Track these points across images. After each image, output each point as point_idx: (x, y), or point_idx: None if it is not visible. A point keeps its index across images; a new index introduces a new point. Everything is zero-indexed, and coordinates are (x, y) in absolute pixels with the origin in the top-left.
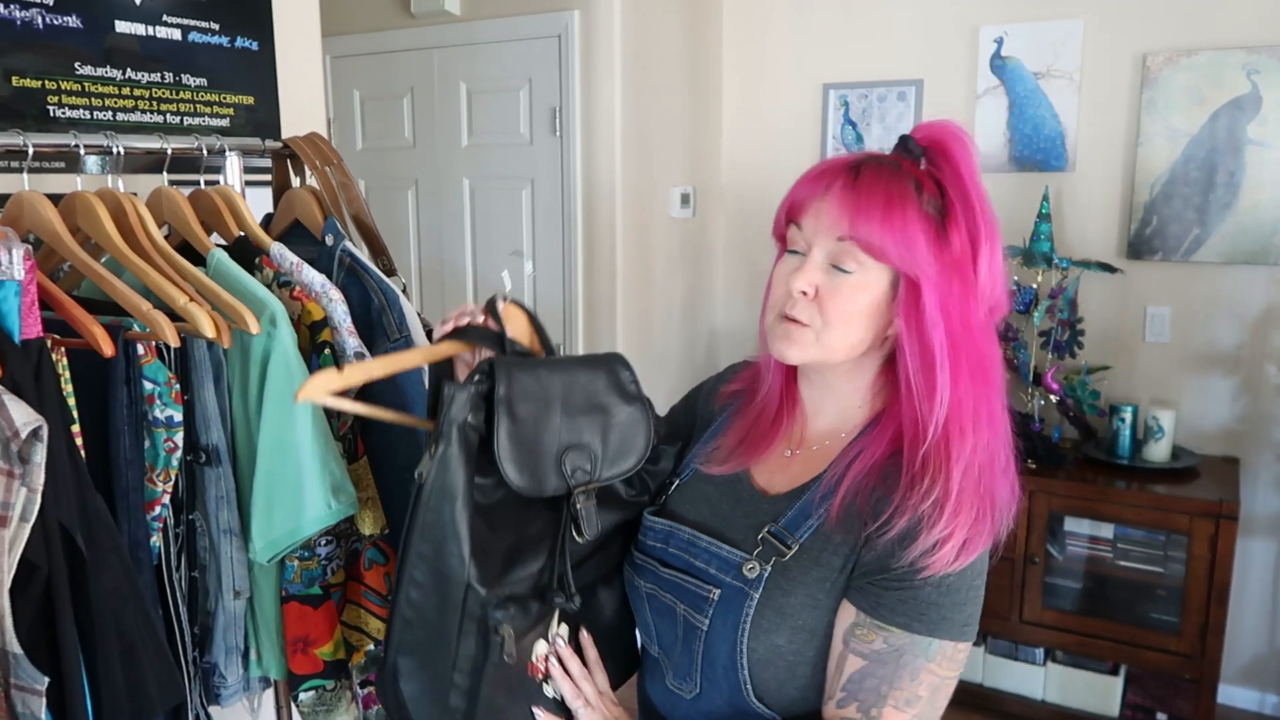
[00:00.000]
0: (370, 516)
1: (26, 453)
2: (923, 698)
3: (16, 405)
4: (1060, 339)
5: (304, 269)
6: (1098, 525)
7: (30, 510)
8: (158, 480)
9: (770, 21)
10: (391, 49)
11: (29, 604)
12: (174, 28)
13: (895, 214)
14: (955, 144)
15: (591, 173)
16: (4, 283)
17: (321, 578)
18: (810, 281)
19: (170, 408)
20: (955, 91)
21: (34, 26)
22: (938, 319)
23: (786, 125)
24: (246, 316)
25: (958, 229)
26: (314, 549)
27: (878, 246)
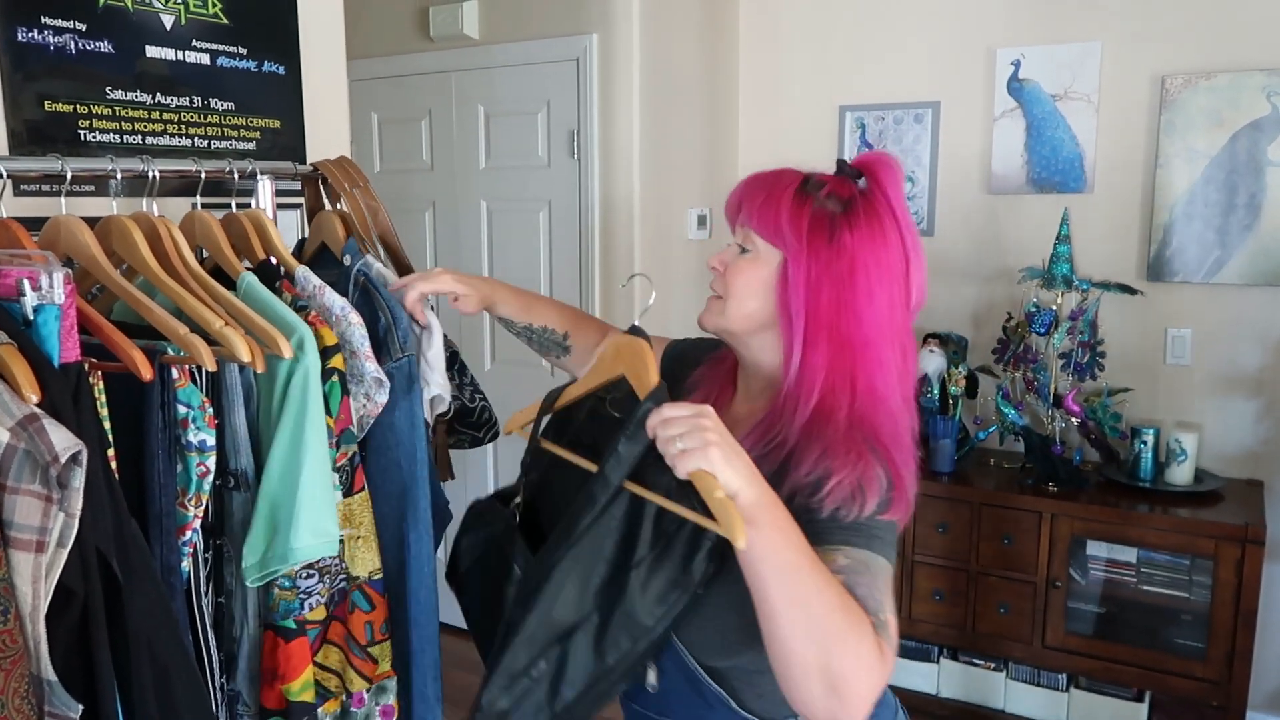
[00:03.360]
0: (363, 556)
1: (65, 478)
2: (895, 609)
3: (57, 430)
4: (1081, 361)
5: (326, 292)
6: (1121, 549)
7: (68, 536)
8: (189, 505)
9: (787, 43)
10: (410, 72)
11: (65, 630)
12: (203, 52)
13: (772, 199)
14: (882, 167)
15: (609, 195)
16: (45, 306)
17: (298, 612)
18: (721, 259)
19: (204, 431)
20: (972, 114)
21: (66, 52)
22: (800, 291)
23: (803, 147)
24: (279, 340)
25: (852, 229)
26: (294, 580)
27: (756, 224)
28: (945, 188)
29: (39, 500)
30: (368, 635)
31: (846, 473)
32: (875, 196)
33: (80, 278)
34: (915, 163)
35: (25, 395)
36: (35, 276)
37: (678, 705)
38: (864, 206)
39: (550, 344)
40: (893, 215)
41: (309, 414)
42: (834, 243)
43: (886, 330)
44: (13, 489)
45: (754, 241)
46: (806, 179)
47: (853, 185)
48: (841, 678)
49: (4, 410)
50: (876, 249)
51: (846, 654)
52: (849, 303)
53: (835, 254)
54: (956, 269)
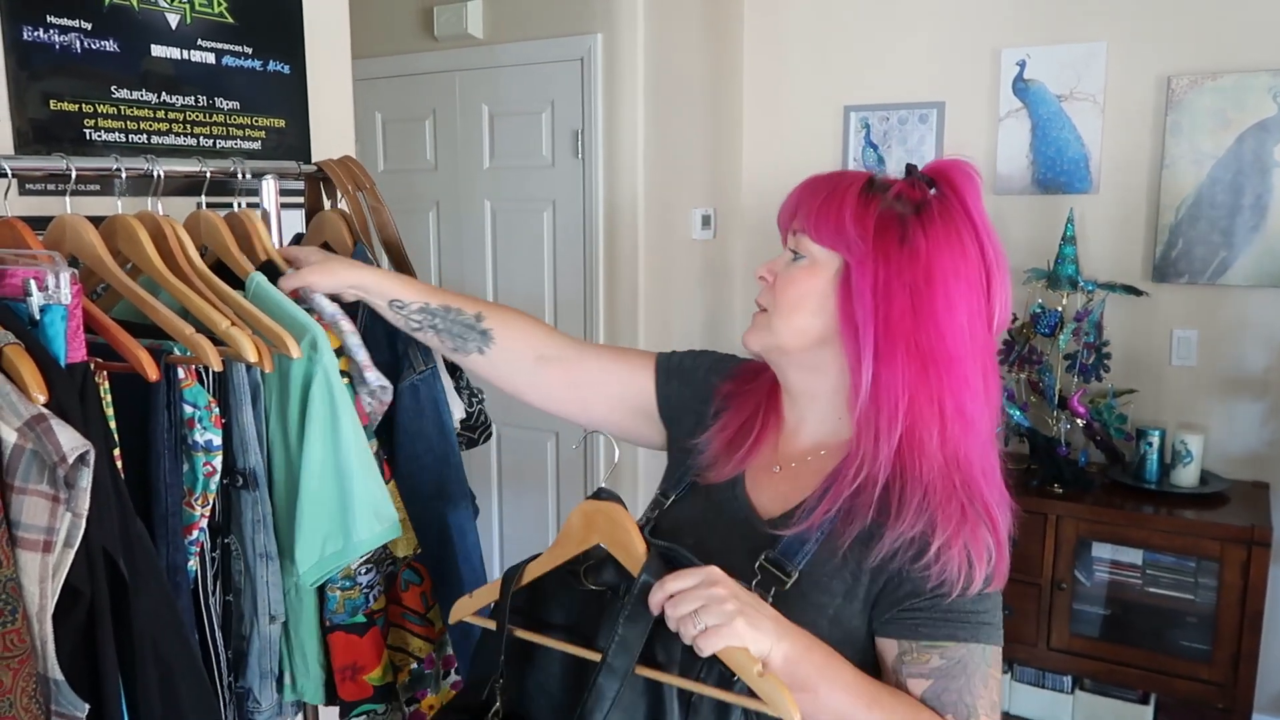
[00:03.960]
0: (404, 539)
1: (73, 478)
2: (998, 703)
3: (64, 430)
4: (1086, 362)
5: (316, 296)
6: (1126, 551)
7: (75, 536)
8: (196, 504)
9: (791, 43)
10: (414, 71)
11: (71, 630)
12: (208, 51)
13: (834, 199)
14: (958, 172)
15: (613, 195)
16: (51, 306)
17: (365, 605)
18: (770, 269)
19: (210, 431)
20: (977, 114)
21: (72, 50)
22: (866, 298)
23: (807, 147)
24: (287, 341)
25: (927, 232)
26: (355, 578)
27: (814, 227)
28: None
29: (46, 500)
30: (423, 603)
31: (952, 532)
32: (951, 201)
33: (85, 277)
34: (920, 164)
35: (32, 395)
36: (41, 276)
37: None
38: (939, 209)
39: (461, 329)
40: (971, 224)
41: (340, 409)
42: (906, 244)
43: (970, 348)
44: (20, 489)
45: (808, 247)
46: (871, 179)
47: (924, 190)
48: None
49: (11, 410)
50: (955, 256)
51: None
52: (928, 312)
53: (909, 258)
54: None
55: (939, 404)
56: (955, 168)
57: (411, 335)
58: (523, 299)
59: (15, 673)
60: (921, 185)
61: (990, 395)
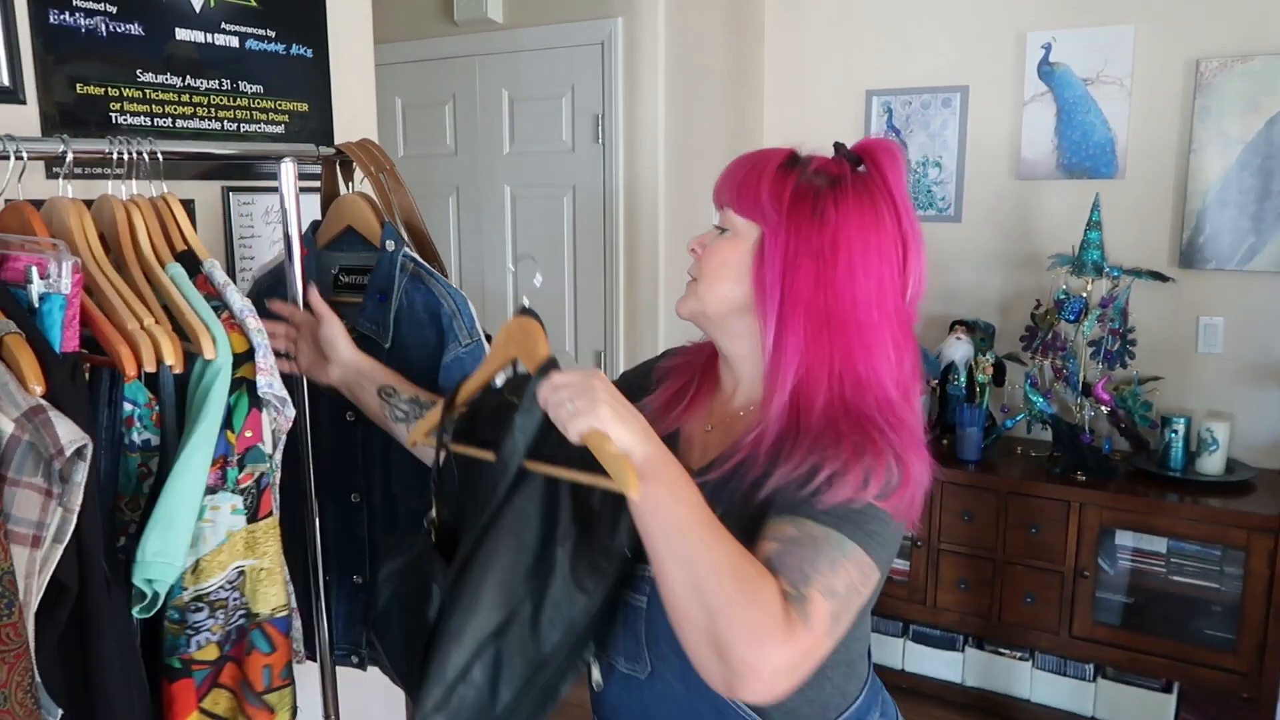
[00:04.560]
0: (266, 590)
1: (68, 472)
2: (840, 594)
3: (63, 423)
4: (1111, 349)
5: (229, 289)
6: (1150, 539)
7: (65, 531)
8: (126, 508)
9: (813, 28)
10: (434, 56)
11: (53, 628)
12: (232, 35)
13: (754, 174)
14: (881, 151)
15: (634, 180)
16: (50, 295)
17: (183, 649)
18: (700, 241)
19: (149, 431)
20: (1001, 98)
21: (98, 34)
22: (776, 265)
23: (829, 131)
24: (203, 340)
25: (838, 203)
26: (184, 612)
27: (735, 200)
28: (973, 173)
29: (38, 494)
30: (265, 681)
31: (846, 462)
32: (872, 178)
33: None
34: (943, 148)
35: (30, 386)
36: (44, 264)
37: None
38: (855, 184)
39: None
40: (890, 198)
41: (204, 423)
42: (817, 216)
43: (875, 315)
44: (13, 481)
45: (732, 220)
46: (794, 155)
47: (846, 165)
48: (727, 645)
49: (9, 401)
50: (866, 227)
51: (733, 620)
52: (828, 279)
53: (817, 227)
54: (983, 255)
55: (829, 366)
56: (880, 146)
57: (393, 425)
58: (543, 286)
59: (11, 667)
60: (842, 161)
61: (902, 360)
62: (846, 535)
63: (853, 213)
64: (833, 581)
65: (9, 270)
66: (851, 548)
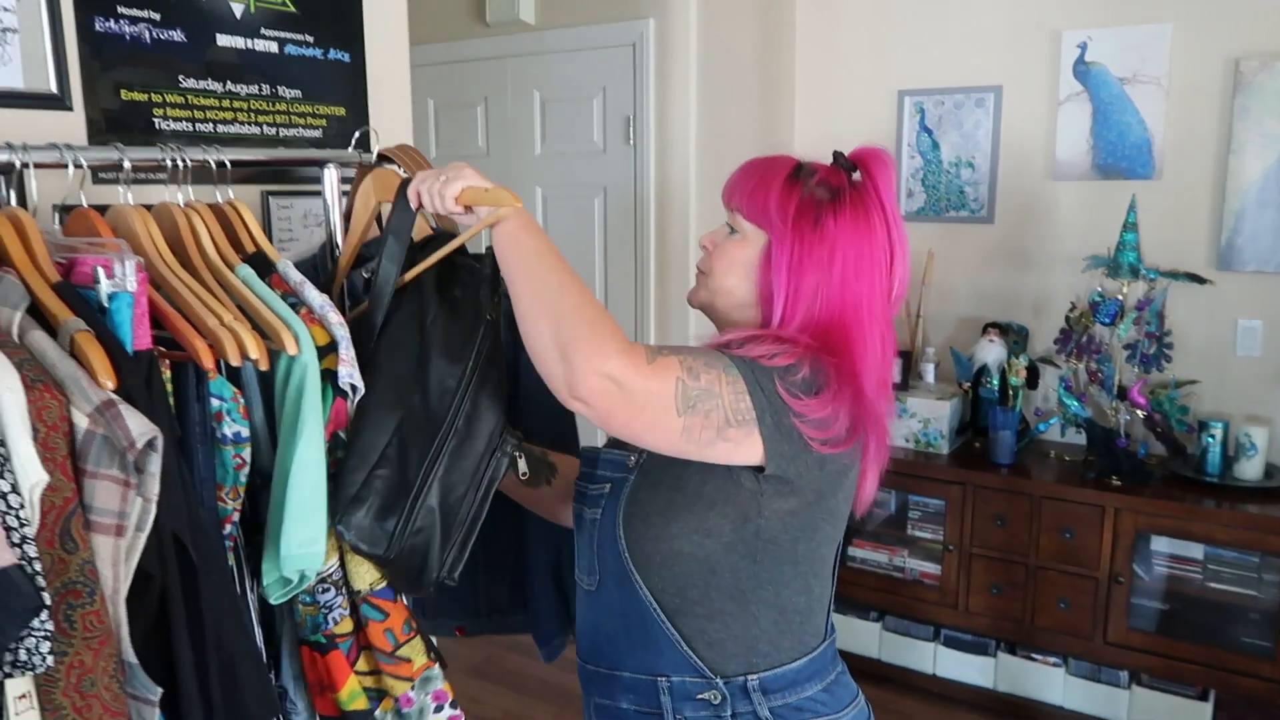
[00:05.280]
0: (359, 568)
1: (142, 463)
2: (696, 376)
3: (133, 416)
4: (1147, 352)
5: (306, 287)
6: (1186, 545)
7: (145, 520)
8: (227, 498)
9: (844, 27)
10: (466, 58)
11: (143, 613)
12: (271, 40)
13: (763, 184)
14: (875, 161)
15: (665, 180)
16: (118, 294)
17: (324, 626)
18: (711, 239)
19: (238, 423)
20: (1036, 98)
21: (142, 41)
22: (781, 272)
23: (860, 132)
24: (284, 336)
25: (837, 217)
26: (314, 595)
27: (745, 208)
28: (1006, 173)
29: (118, 485)
30: (390, 641)
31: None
32: (866, 189)
33: None
34: (975, 148)
35: (101, 381)
36: (109, 264)
37: (628, 655)
38: (853, 197)
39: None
40: (881, 209)
41: (304, 415)
42: (819, 228)
43: (864, 315)
44: (93, 473)
45: (741, 224)
46: (799, 166)
47: (845, 176)
48: (570, 346)
49: (82, 396)
50: (860, 239)
51: (579, 327)
52: (826, 284)
53: (819, 239)
54: (1016, 256)
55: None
56: (873, 155)
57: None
58: None
59: (96, 653)
60: (842, 173)
61: (885, 355)
62: (733, 361)
63: (849, 224)
64: (694, 365)
65: (77, 274)
66: (730, 367)
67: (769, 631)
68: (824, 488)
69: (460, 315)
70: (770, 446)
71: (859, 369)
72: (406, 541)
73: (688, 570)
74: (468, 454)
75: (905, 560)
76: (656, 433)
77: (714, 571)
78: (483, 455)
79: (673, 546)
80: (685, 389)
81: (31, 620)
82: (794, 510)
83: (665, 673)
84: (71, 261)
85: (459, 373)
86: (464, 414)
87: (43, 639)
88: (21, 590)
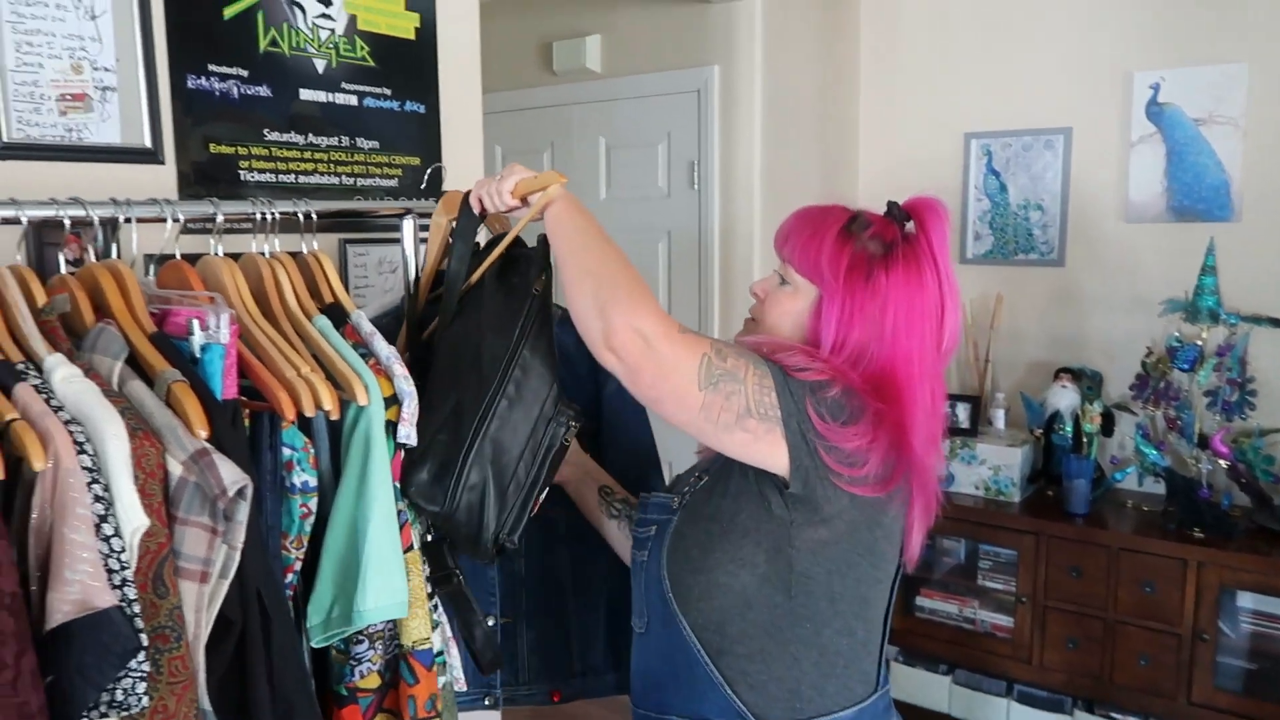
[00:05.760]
0: (408, 623)
1: (231, 511)
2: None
3: (226, 464)
4: (1229, 399)
5: (376, 339)
6: (1274, 602)
7: (229, 567)
8: (291, 547)
9: (909, 69)
10: (533, 105)
11: (220, 660)
12: (351, 94)
13: (816, 237)
14: (929, 212)
15: (729, 224)
16: (211, 345)
17: (348, 678)
18: (762, 288)
19: (307, 473)
20: (1107, 139)
21: (230, 97)
22: (831, 326)
23: (925, 175)
24: (356, 387)
25: (889, 272)
26: (347, 644)
27: (798, 261)
28: (1077, 216)
29: (205, 532)
30: (410, 711)
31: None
32: (919, 241)
33: None
34: (1044, 190)
35: (195, 431)
36: (204, 317)
37: (674, 698)
38: (905, 251)
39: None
40: (933, 262)
41: (373, 466)
42: (870, 283)
43: (918, 369)
44: (183, 520)
45: (792, 276)
46: (854, 218)
47: (897, 228)
48: (607, 304)
49: (178, 445)
50: (911, 294)
51: (618, 290)
52: (878, 341)
53: (870, 294)
54: (1089, 300)
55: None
56: (926, 206)
57: (606, 521)
58: None
59: (179, 698)
60: (895, 225)
61: (935, 409)
62: (765, 360)
63: (901, 280)
64: (724, 349)
65: (171, 324)
66: (761, 363)
67: (810, 675)
68: (857, 520)
69: (513, 295)
70: (794, 456)
71: (908, 423)
72: (462, 497)
73: (725, 604)
74: (519, 416)
75: (976, 611)
76: (677, 403)
77: (750, 605)
78: (536, 420)
79: (710, 578)
80: (710, 365)
81: (130, 661)
82: (825, 542)
83: (709, 717)
84: (165, 312)
85: (508, 342)
86: (513, 379)
87: (139, 680)
88: (121, 632)
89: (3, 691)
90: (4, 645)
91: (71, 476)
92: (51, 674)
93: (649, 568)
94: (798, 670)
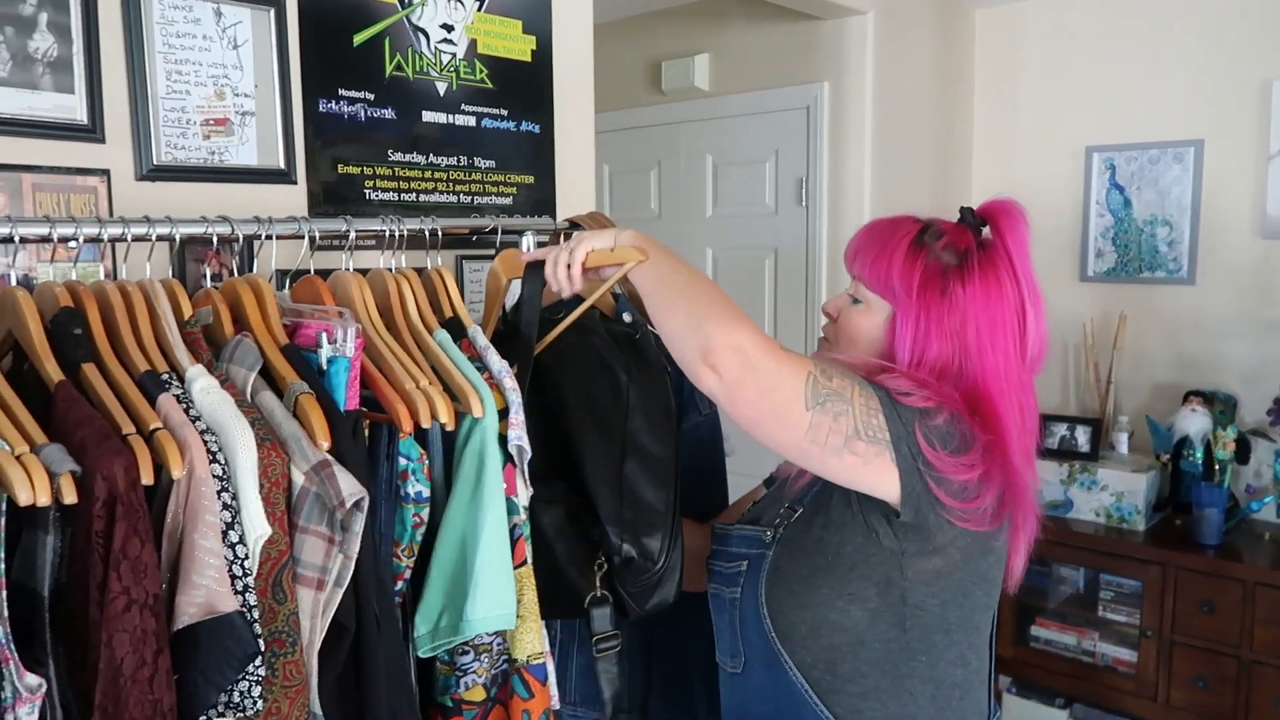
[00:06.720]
0: (523, 637)
1: (348, 522)
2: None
3: (344, 476)
4: None
5: (490, 352)
6: None
7: (344, 576)
8: (402, 555)
9: (1027, 81)
10: (641, 124)
11: (332, 666)
12: (470, 115)
13: (886, 252)
14: (1005, 216)
15: (837, 241)
16: (337, 358)
17: (453, 689)
18: (835, 306)
19: (421, 483)
20: (1242, 152)
21: (357, 119)
22: (906, 343)
23: (1043, 191)
24: (471, 399)
25: (965, 283)
26: (452, 655)
27: (868, 277)
28: (1209, 233)
29: (323, 541)
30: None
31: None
32: (995, 248)
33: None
34: (1173, 205)
35: (318, 442)
36: (332, 330)
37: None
38: (981, 260)
39: None
40: (1011, 267)
41: (486, 478)
42: (946, 297)
43: (1004, 385)
44: (303, 529)
45: (864, 293)
46: (925, 228)
47: (972, 236)
48: (703, 322)
49: (301, 455)
50: (990, 304)
51: (715, 311)
52: (957, 355)
53: (947, 308)
54: (1222, 320)
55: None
56: (1001, 209)
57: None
58: None
59: (292, 701)
60: (969, 233)
61: (1025, 425)
62: (869, 382)
63: (978, 291)
64: (829, 369)
65: (301, 336)
66: (866, 385)
67: (927, 709)
68: (970, 548)
69: (652, 374)
70: (905, 481)
71: (1006, 443)
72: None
73: (835, 643)
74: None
75: (1096, 644)
76: (779, 423)
77: (863, 643)
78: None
79: (817, 615)
80: (816, 384)
81: (248, 665)
82: (939, 572)
83: None
84: (297, 324)
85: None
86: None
87: (255, 683)
88: (241, 636)
89: (140, 689)
90: (145, 644)
91: (203, 485)
92: (178, 674)
93: (743, 605)
94: (914, 706)
